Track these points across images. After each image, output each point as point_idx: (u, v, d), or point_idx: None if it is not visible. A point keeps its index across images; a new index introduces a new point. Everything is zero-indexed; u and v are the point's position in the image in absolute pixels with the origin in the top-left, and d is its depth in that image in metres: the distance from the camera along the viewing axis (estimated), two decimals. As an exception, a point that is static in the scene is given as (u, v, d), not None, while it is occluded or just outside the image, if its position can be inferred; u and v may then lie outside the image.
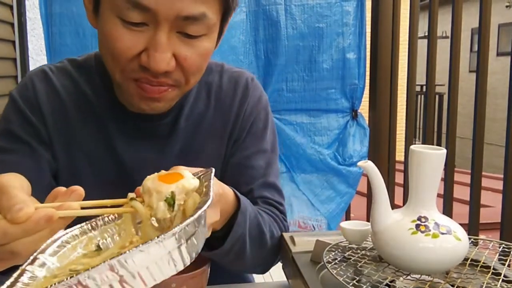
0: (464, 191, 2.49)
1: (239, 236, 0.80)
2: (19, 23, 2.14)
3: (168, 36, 0.72)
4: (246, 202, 0.82)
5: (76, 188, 0.53)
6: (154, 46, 0.72)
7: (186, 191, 0.55)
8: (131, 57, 0.74)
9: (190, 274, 0.72)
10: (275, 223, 0.92)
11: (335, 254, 0.76)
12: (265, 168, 0.95)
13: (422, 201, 0.67)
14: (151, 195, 0.55)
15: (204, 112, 0.93)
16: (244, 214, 0.80)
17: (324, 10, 2.23)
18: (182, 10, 0.70)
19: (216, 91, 0.95)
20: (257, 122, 0.96)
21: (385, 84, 2.34)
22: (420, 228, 0.65)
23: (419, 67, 2.22)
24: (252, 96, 0.97)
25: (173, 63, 0.75)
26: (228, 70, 0.99)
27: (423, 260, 0.64)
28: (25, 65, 2.19)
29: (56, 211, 0.50)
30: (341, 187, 2.38)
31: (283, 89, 2.26)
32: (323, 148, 2.35)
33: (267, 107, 1.00)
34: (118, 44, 0.73)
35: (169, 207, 0.54)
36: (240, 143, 0.94)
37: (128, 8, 0.70)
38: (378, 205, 0.68)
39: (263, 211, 0.91)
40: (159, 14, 0.70)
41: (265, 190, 0.94)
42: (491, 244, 0.78)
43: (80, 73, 0.91)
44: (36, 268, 0.49)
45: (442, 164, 0.67)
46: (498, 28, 10.97)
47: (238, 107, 0.95)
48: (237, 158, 0.93)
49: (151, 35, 0.72)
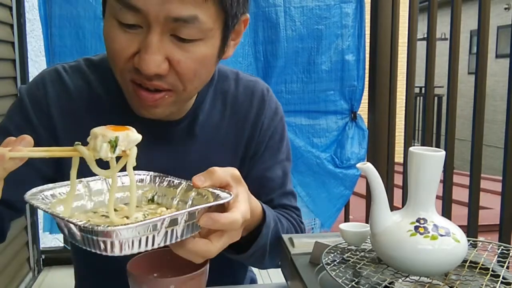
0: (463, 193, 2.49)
1: (261, 246, 0.85)
2: (18, 24, 2.14)
3: (160, 38, 0.73)
4: (270, 216, 0.86)
5: (25, 136, 0.60)
6: (145, 48, 0.72)
7: (129, 140, 0.61)
8: (126, 58, 0.75)
9: (189, 276, 0.72)
10: (293, 228, 0.97)
11: (334, 256, 0.76)
12: (282, 178, 0.99)
13: (421, 203, 0.67)
14: (97, 137, 0.60)
15: (220, 121, 0.94)
16: (268, 227, 0.84)
17: (323, 12, 2.23)
18: (171, 12, 0.70)
19: (232, 101, 0.96)
20: (274, 135, 0.99)
21: (384, 86, 2.35)
22: (419, 230, 0.65)
23: (418, 69, 2.22)
24: (268, 109, 0.98)
25: (165, 66, 0.75)
26: (243, 78, 0.99)
27: (422, 262, 0.64)
28: (24, 67, 2.19)
29: (7, 151, 0.57)
30: (337, 190, 2.38)
31: (282, 90, 2.26)
32: (321, 150, 2.35)
33: (283, 117, 1.02)
34: (114, 45, 0.75)
35: (111, 149, 0.60)
36: (258, 157, 0.97)
37: (120, 9, 0.71)
38: (377, 207, 0.68)
39: (282, 215, 0.96)
40: (149, 15, 0.71)
41: (284, 198, 0.99)
42: (490, 246, 0.78)
43: (95, 73, 0.91)
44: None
45: (441, 166, 0.67)
46: (497, 30, 10.98)
47: (254, 119, 0.96)
48: (256, 171, 0.96)
49: (143, 37, 0.73)
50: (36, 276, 2.34)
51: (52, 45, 2.06)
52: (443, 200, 2.10)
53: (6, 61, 2.07)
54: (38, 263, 2.38)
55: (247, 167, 0.97)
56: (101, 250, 0.56)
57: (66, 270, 2.40)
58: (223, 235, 0.68)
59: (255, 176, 0.95)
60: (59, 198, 0.66)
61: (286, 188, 1.00)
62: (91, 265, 1.01)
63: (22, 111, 0.87)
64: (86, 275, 1.05)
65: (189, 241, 0.66)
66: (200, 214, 0.63)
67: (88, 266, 1.03)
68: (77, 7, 2.04)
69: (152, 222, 0.57)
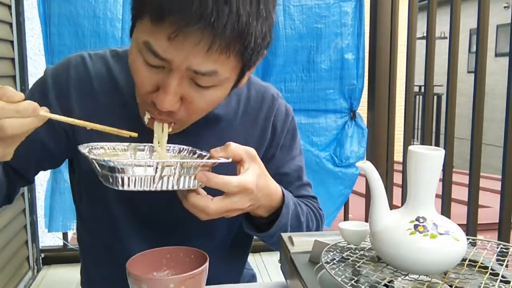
0: (462, 192, 2.50)
1: (282, 225, 0.91)
2: (17, 23, 2.14)
3: (179, 82, 0.76)
4: (289, 198, 0.93)
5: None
6: (164, 88, 0.76)
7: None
8: (147, 91, 0.79)
9: (188, 274, 0.72)
10: (312, 213, 1.03)
11: (333, 255, 0.76)
12: (298, 171, 1.05)
13: (420, 202, 0.67)
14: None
15: (233, 119, 0.98)
16: (287, 207, 0.91)
17: (322, 10, 2.23)
18: (193, 65, 0.73)
19: (245, 102, 1.00)
20: (287, 136, 1.04)
21: (384, 85, 2.35)
22: (418, 228, 0.65)
23: (418, 67, 2.22)
24: (279, 113, 1.03)
25: (178, 105, 0.79)
26: (255, 83, 1.03)
27: (421, 260, 0.64)
28: (23, 65, 2.19)
29: (40, 107, 0.67)
30: (336, 188, 2.39)
31: (281, 89, 2.26)
32: (320, 149, 2.35)
33: (293, 118, 1.07)
34: (137, 77, 0.79)
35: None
36: (275, 158, 1.02)
37: (147, 52, 0.74)
38: (377, 206, 0.68)
39: (302, 202, 1.03)
40: (172, 64, 0.74)
41: (302, 189, 1.06)
42: (489, 245, 0.78)
43: (118, 63, 0.94)
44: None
45: (440, 165, 0.67)
46: (496, 29, 10.98)
47: (263, 122, 1.01)
48: (273, 169, 1.00)
49: (164, 77, 0.76)
50: (36, 274, 2.34)
51: (51, 44, 2.06)
52: (442, 199, 2.10)
53: (5, 59, 2.07)
54: (37, 262, 2.38)
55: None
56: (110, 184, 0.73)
57: (65, 268, 2.40)
58: (224, 198, 0.78)
59: (272, 174, 0.99)
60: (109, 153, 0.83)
61: (303, 180, 1.06)
62: (99, 264, 1.04)
63: (42, 90, 0.91)
64: (94, 275, 1.08)
65: (192, 194, 0.78)
66: (198, 171, 0.76)
67: (98, 265, 1.05)
68: (76, 6, 2.04)
69: (147, 163, 0.72)
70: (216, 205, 0.78)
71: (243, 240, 1.07)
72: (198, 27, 0.69)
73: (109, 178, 0.72)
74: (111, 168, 0.71)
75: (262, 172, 0.85)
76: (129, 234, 0.96)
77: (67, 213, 2.22)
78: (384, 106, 2.36)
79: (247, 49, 0.74)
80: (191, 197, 0.77)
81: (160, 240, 0.86)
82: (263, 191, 0.84)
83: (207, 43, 0.70)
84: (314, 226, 1.03)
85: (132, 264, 0.76)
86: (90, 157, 0.72)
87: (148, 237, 0.95)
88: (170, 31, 0.70)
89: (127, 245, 0.96)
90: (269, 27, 0.77)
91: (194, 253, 0.81)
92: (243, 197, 0.80)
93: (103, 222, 0.97)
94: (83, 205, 1.02)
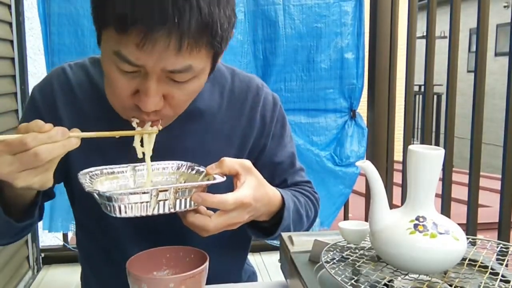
0: (462, 191, 2.49)
1: (285, 226, 0.93)
2: (17, 23, 2.14)
3: (157, 83, 0.77)
4: (288, 199, 0.94)
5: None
6: (144, 92, 0.77)
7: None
8: (127, 97, 0.80)
9: (188, 274, 0.72)
10: (309, 200, 1.04)
11: (333, 254, 0.76)
12: (291, 157, 1.06)
13: (420, 201, 0.67)
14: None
15: (217, 111, 0.98)
16: (288, 210, 0.92)
17: (322, 10, 2.23)
18: (167, 66, 0.74)
19: (229, 93, 1.00)
20: (277, 125, 1.04)
21: (384, 84, 2.35)
22: (418, 228, 0.65)
23: (418, 67, 2.22)
24: (267, 103, 1.02)
25: (162, 103, 0.80)
26: (239, 74, 1.03)
27: (421, 260, 0.64)
28: (23, 65, 2.19)
29: (68, 131, 0.71)
30: (337, 188, 2.39)
31: (281, 89, 2.26)
32: (320, 148, 2.35)
33: (281, 106, 1.07)
34: (115, 84, 0.79)
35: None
36: (267, 148, 1.03)
37: (120, 61, 0.75)
38: (376, 205, 0.68)
39: (297, 192, 1.03)
40: (146, 68, 0.75)
41: (296, 175, 1.07)
42: (489, 244, 0.78)
43: (97, 68, 0.96)
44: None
45: (440, 164, 0.67)
46: (496, 29, 10.98)
47: (249, 113, 1.00)
48: (266, 159, 1.02)
49: (142, 81, 0.77)
50: (36, 274, 2.34)
51: (51, 43, 2.06)
52: (442, 198, 2.10)
53: (5, 59, 2.07)
54: (37, 262, 2.38)
55: (254, 158, 1.00)
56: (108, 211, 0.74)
57: (65, 268, 2.40)
58: (222, 214, 0.79)
59: (265, 163, 1.01)
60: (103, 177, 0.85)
61: (296, 167, 1.07)
62: (98, 269, 1.05)
63: (33, 106, 0.95)
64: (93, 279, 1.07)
65: (190, 214, 0.78)
66: (194, 193, 0.77)
67: (97, 268, 1.05)
68: (75, 5, 2.04)
69: (142, 190, 0.74)
70: (215, 222, 0.78)
71: (243, 236, 1.07)
72: (164, 31, 0.70)
73: (107, 206, 0.75)
74: (108, 198, 0.73)
75: (259, 182, 0.85)
76: (127, 238, 0.96)
77: (67, 214, 2.22)
78: (384, 105, 2.36)
79: (215, 37, 0.75)
80: (190, 216, 0.78)
81: (159, 240, 0.86)
82: (262, 202, 0.85)
83: (176, 43, 0.71)
84: (313, 213, 1.05)
85: (132, 263, 0.76)
86: (86, 189, 0.74)
87: (146, 239, 0.95)
88: (138, 39, 0.70)
89: (125, 249, 0.95)
90: (232, 8, 0.78)
91: (194, 252, 0.82)
92: (241, 212, 0.80)
93: (100, 227, 0.98)
94: (78, 212, 1.03)
